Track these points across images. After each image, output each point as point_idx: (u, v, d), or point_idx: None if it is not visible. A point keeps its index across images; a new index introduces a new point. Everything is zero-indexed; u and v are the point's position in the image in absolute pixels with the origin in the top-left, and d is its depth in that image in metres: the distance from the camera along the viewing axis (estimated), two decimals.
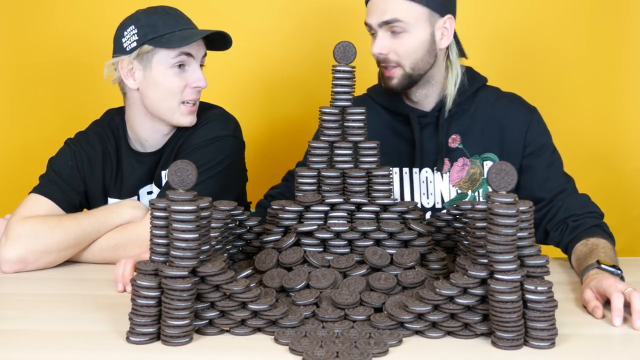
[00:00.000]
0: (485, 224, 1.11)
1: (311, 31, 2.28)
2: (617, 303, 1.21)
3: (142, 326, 1.10)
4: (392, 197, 1.36)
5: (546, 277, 1.11)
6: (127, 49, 1.62)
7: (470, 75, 1.70)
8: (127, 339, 1.11)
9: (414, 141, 1.67)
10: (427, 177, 1.67)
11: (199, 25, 1.68)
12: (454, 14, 1.64)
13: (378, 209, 1.35)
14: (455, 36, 1.67)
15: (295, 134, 2.29)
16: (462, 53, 1.69)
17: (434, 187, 1.67)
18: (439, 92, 1.68)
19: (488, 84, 1.73)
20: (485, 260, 1.11)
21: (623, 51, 2.24)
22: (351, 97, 1.37)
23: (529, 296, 1.08)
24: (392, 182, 1.37)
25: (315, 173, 1.36)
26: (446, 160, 1.67)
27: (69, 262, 1.57)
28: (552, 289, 1.09)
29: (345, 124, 1.37)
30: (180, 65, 1.62)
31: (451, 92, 1.66)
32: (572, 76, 2.24)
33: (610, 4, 2.23)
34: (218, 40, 1.67)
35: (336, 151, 1.36)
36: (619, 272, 1.34)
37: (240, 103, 2.19)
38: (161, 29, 1.61)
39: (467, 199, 1.67)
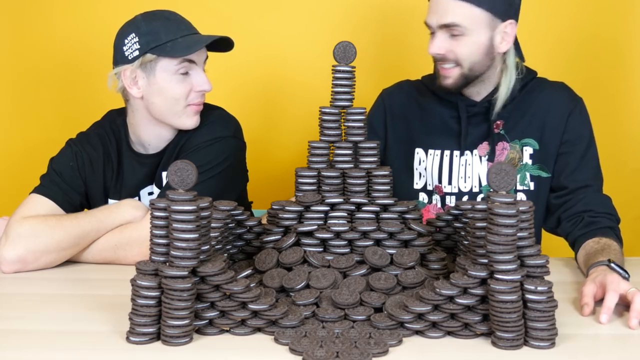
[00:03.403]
0: (485, 224, 1.11)
1: (311, 31, 2.29)
2: (609, 301, 1.22)
3: (142, 326, 1.10)
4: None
5: (546, 277, 1.11)
6: (129, 58, 1.61)
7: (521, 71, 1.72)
8: (127, 339, 1.11)
9: (460, 128, 1.70)
10: (466, 160, 1.70)
11: (200, 27, 1.67)
12: (516, 19, 1.64)
13: (378, 209, 1.35)
14: (515, 40, 1.67)
15: (295, 134, 2.29)
16: (520, 56, 1.70)
17: (472, 171, 1.70)
18: (491, 88, 1.70)
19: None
20: (485, 260, 1.11)
21: (623, 51, 2.25)
22: (351, 97, 1.37)
23: (529, 296, 1.08)
24: (392, 181, 1.38)
25: (315, 173, 1.36)
26: (486, 144, 1.70)
27: (69, 262, 1.57)
28: (552, 289, 1.09)
29: (346, 124, 1.37)
30: (185, 72, 1.62)
31: (502, 95, 1.67)
32: (572, 76, 2.24)
33: (611, 4, 2.23)
34: (220, 43, 1.66)
35: (336, 151, 1.36)
36: (627, 275, 1.34)
37: (240, 103, 2.19)
38: (163, 37, 1.59)
39: None
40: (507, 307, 1.07)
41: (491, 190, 1.12)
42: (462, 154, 1.71)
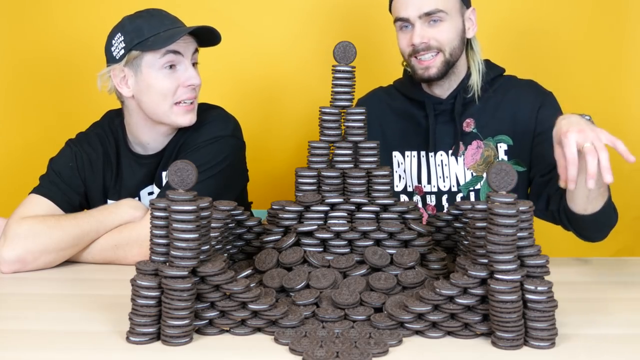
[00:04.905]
0: (485, 224, 1.11)
1: (311, 31, 2.28)
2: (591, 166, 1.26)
3: (142, 326, 1.10)
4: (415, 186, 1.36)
5: (546, 277, 1.11)
6: (117, 57, 1.62)
7: (488, 65, 1.76)
8: (127, 339, 1.11)
9: (428, 127, 1.74)
10: (442, 161, 1.73)
11: (194, 25, 1.67)
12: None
13: (378, 209, 1.35)
14: None
15: (295, 134, 2.29)
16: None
17: (449, 170, 1.73)
18: (458, 82, 1.74)
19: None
20: (485, 260, 1.11)
21: (623, 50, 2.25)
22: (351, 97, 1.37)
23: (529, 296, 1.08)
24: (393, 181, 1.39)
25: (315, 173, 1.36)
26: (460, 144, 1.73)
27: (69, 262, 1.57)
28: (552, 289, 1.09)
29: (346, 124, 1.37)
30: (172, 66, 1.62)
31: (476, 80, 1.72)
32: (571, 76, 2.24)
33: (610, 5, 2.23)
34: (207, 36, 1.66)
35: (336, 151, 1.36)
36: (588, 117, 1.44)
37: (240, 103, 2.19)
38: (146, 32, 1.60)
39: (482, 182, 1.72)
40: (507, 307, 1.07)
41: (491, 190, 1.12)
42: (435, 153, 1.73)
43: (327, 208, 1.34)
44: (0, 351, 1.09)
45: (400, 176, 1.78)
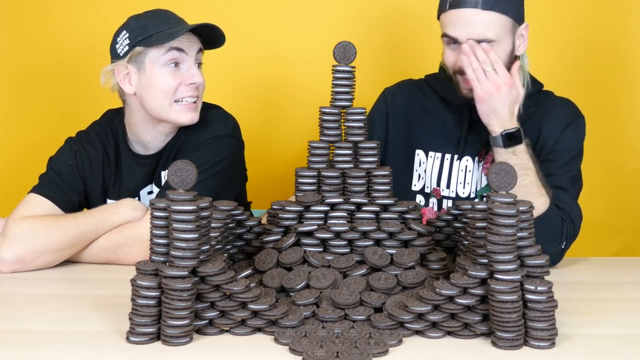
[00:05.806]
0: (485, 224, 1.11)
1: (312, 31, 2.28)
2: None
3: (142, 326, 1.10)
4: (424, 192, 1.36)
5: (546, 277, 1.11)
6: (121, 54, 1.63)
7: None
8: (127, 339, 1.11)
9: (461, 131, 1.70)
10: (466, 166, 1.69)
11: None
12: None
13: (378, 209, 1.35)
14: None
15: (295, 134, 2.29)
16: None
17: (472, 177, 1.69)
18: None
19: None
20: (485, 260, 1.11)
21: (623, 51, 2.25)
22: (351, 97, 1.37)
23: (529, 296, 1.08)
24: (392, 181, 1.37)
25: (315, 173, 1.36)
26: (482, 150, 1.70)
27: (68, 262, 1.57)
28: (552, 289, 1.09)
29: (346, 124, 1.37)
30: (176, 64, 1.62)
31: (522, 94, 1.62)
32: (571, 76, 2.24)
33: (612, 10, 2.22)
34: (211, 38, 1.66)
35: (336, 151, 1.36)
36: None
37: (241, 103, 2.19)
38: (150, 30, 1.61)
39: None
40: (507, 307, 1.07)
41: (491, 190, 1.12)
42: (460, 159, 1.70)
43: (327, 208, 1.34)
44: (0, 351, 1.09)
45: (419, 175, 1.75)
